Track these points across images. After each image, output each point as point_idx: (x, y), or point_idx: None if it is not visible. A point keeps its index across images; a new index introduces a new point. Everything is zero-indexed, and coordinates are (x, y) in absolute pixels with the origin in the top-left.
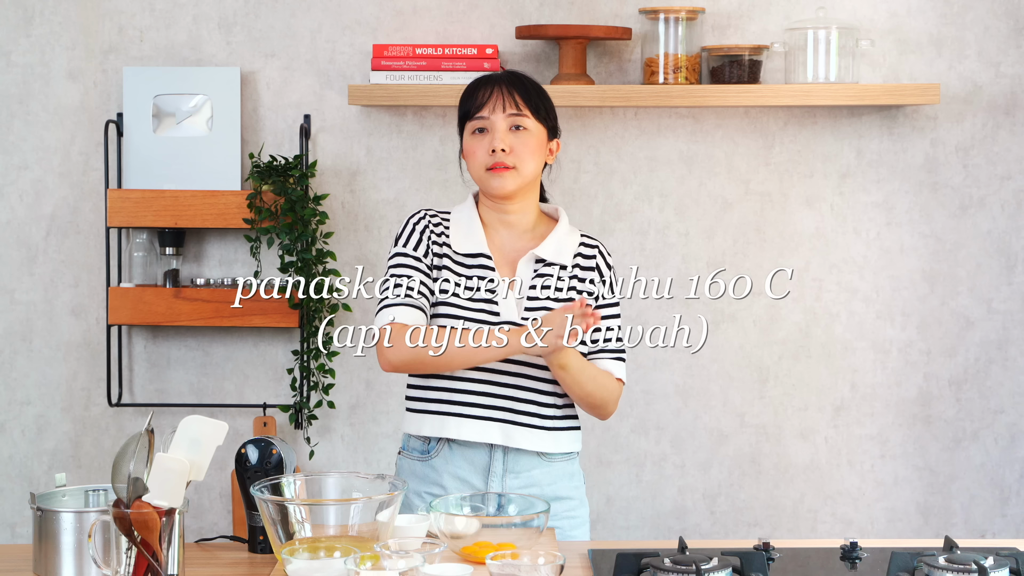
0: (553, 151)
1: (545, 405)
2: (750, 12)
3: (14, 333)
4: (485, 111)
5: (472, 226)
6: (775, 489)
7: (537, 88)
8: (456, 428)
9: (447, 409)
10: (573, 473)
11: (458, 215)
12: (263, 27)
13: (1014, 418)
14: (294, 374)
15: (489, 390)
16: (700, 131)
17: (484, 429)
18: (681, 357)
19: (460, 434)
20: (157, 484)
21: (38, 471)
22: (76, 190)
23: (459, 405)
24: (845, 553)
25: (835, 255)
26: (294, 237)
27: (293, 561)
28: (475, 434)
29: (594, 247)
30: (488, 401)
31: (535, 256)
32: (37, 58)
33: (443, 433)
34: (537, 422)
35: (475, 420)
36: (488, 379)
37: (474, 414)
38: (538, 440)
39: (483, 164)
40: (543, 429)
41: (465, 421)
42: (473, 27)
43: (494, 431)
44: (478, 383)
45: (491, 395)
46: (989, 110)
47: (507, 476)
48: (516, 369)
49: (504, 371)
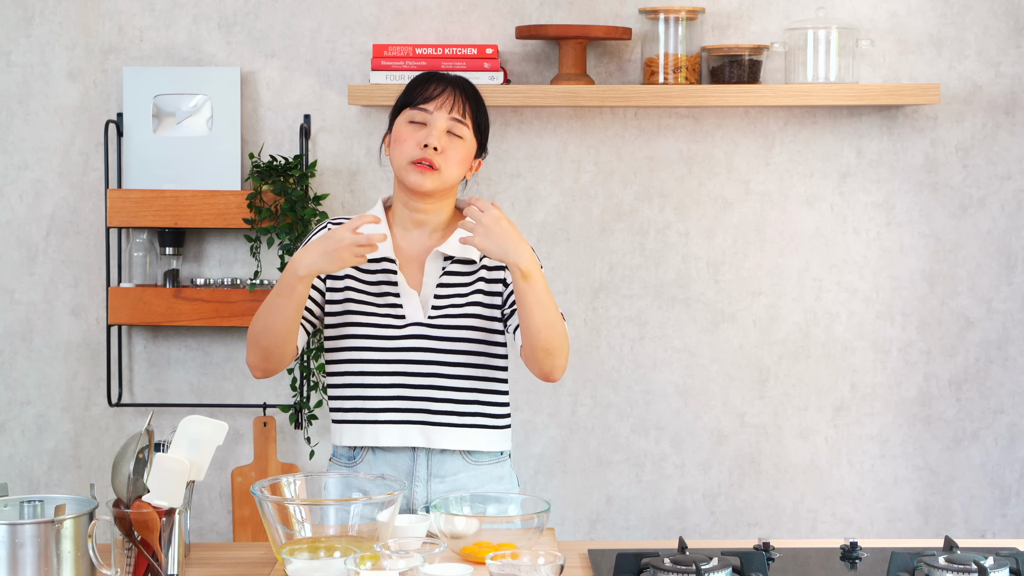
0: (474, 168)
1: (464, 402)
2: (750, 12)
3: (14, 333)
4: (430, 106)
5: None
6: (775, 489)
7: (482, 102)
8: (373, 435)
9: (364, 417)
10: (503, 476)
11: None
12: (263, 27)
13: (1014, 418)
14: (294, 374)
15: (405, 393)
16: (700, 131)
17: (403, 433)
18: (681, 357)
19: (378, 440)
20: (157, 484)
21: (38, 471)
22: (76, 190)
23: (376, 412)
24: (845, 553)
25: (835, 255)
26: (294, 237)
27: (293, 561)
28: (394, 439)
29: None
30: (404, 404)
31: (441, 254)
32: (37, 58)
33: (362, 442)
34: (457, 420)
35: (393, 425)
36: (403, 382)
37: (391, 419)
38: (460, 439)
39: (410, 156)
40: (465, 427)
41: (382, 427)
42: (473, 27)
43: (413, 434)
44: (393, 387)
45: (407, 398)
46: (989, 110)
47: (432, 480)
48: (432, 369)
49: (419, 372)
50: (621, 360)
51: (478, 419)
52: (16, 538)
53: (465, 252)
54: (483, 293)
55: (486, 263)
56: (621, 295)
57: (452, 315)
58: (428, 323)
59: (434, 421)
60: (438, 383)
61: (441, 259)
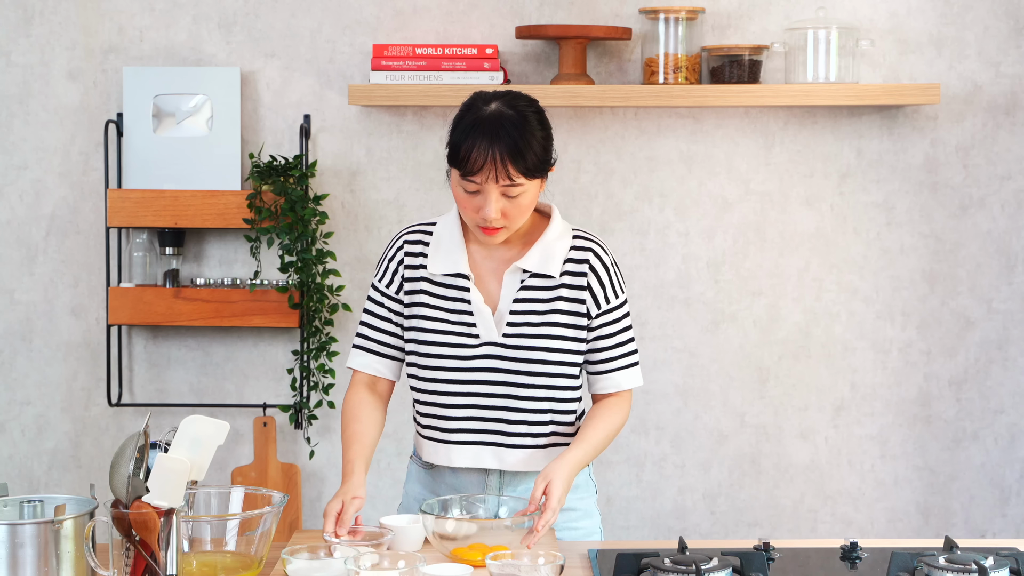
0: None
1: (538, 423)
2: (750, 12)
3: (14, 333)
4: (477, 178)
5: (452, 243)
6: (775, 489)
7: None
8: (447, 455)
9: (438, 436)
10: (578, 484)
11: (440, 231)
12: (263, 27)
13: (1014, 418)
14: (294, 374)
15: (477, 414)
16: (700, 131)
17: (476, 454)
18: (681, 357)
19: (451, 461)
20: (157, 484)
21: (38, 471)
22: (76, 190)
23: (449, 432)
24: (845, 553)
25: (835, 255)
26: (294, 237)
27: (293, 561)
28: (467, 460)
29: (586, 250)
30: (477, 425)
31: (519, 268)
32: (37, 58)
33: (436, 460)
34: (531, 441)
35: (465, 446)
36: (476, 403)
37: (464, 439)
38: (532, 460)
39: (473, 221)
40: (537, 448)
41: (455, 448)
42: (473, 27)
43: (486, 455)
44: (466, 407)
45: (480, 419)
46: (989, 110)
47: (504, 490)
48: (505, 391)
49: (492, 393)
50: None
51: (553, 438)
52: (16, 538)
53: (544, 267)
54: (561, 312)
55: (565, 281)
56: None
57: (527, 334)
58: (502, 343)
59: (507, 443)
60: (511, 404)
61: (520, 272)
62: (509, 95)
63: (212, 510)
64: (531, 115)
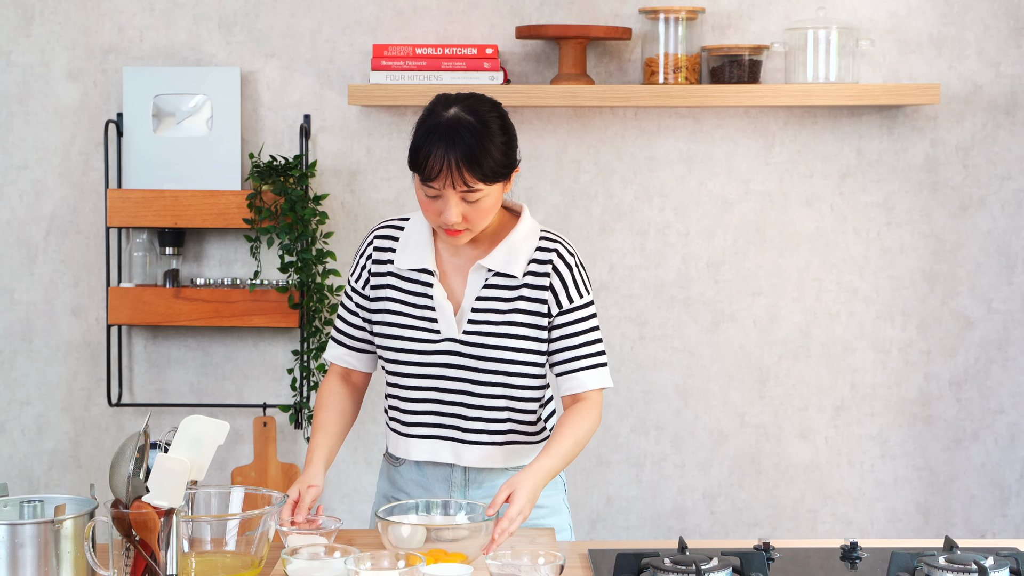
0: (509, 186)
1: (495, 420)
2: (750, 12)
3: (14, 333)
4: (436, 184)
5: (421, 240)
6: (775, 489)
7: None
8: (406, 448)
9: (400, 429)
10: None
11: (410, 227)
12: (263, 27)
13: (1014, 418)
14: (294, 374)
15: (435, 408)
16: (700, 131)
17: (433, 448)
18: (681, 357)
19: (410, 454)
20: (157, 484)
21: (38, 471)
22: (76, 190)
23: (409, 425)
24: (845, 553)
25: (835, 255)
26: (294, 237)
27: (293, 561)
28: (424, 453)
29: (551, 251)
30: (435, 420)
31: (483, 266)
32: (37, 58)
33: (397, 452)
34: (487, 438)
35: (424, 440)
36: (435, 398)
37: (422, 433)
38: (490, 457)
39: (436, 223)
40: (494, 445)
41: (413, 441)
42: (473, 27)
43: (443, 450)
44: (425, 402)
45: (438, 413)
46: (989, 110)
47: (470, 487)
48: (462, 387)
49: (450, 389)
50: (621, 360)
51: (511, 436)
52: (16, 538)
53: (507, 266)
54: (522, 312)
55: (528, 281)
56: (621, 295)
57: (487, 332)
58: (462, 339)
59: (464, 439)
60: (468, 400)
61: (484, 271)
62: (471, 99)
63: (212, 510)
64: (492, 119)
